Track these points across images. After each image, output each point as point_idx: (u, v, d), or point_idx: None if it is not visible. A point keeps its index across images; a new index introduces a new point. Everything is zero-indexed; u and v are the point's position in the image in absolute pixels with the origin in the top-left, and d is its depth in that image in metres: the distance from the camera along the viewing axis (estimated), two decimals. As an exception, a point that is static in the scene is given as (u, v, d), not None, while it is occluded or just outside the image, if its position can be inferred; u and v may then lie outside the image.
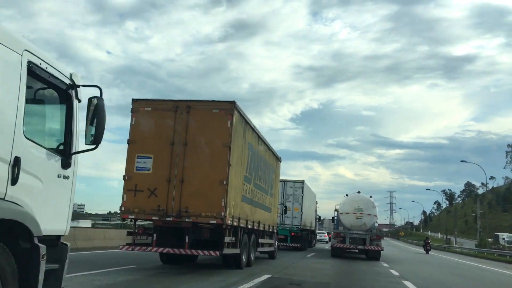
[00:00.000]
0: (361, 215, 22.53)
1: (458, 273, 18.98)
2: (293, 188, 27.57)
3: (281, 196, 27.19)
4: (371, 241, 21.96)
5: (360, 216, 22.52)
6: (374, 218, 23.06)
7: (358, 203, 22.90)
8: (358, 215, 22.52)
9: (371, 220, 22.87)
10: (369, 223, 22.75)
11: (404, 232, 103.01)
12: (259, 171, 14.64)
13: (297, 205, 27.37)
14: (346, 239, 22.41)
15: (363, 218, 22.53)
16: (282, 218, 27.16)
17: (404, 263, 22.42)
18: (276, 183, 18.05)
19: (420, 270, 18.89)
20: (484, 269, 23.24)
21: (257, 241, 14.91)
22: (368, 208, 22.78)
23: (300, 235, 27.19)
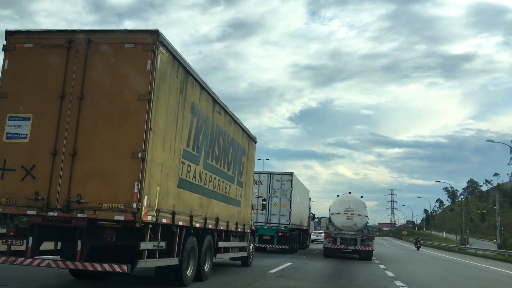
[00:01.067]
0: (352, 215, 22.64)
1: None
2: (280, 181, 23.56)
3: (267, 191, 23.19)
4: (362, 242, 22.13)
5: (351, 217, 22.64)
6: (365, 218, 23.11)
7: (349, 204, 22.98)
8: (349, 215, 22.65)
9: (362, 220, 22.95)
10: (360, 224, 22.84)
11: (406, 231, 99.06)
12: (217, 149, 10.63)
13: (285, 201, 23.38)
14: (337, 239, 22.45)
15: (354, 218, 22.64)
16: (267, 216, 23.18)
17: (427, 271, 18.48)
18: (248, 169, 14.03)
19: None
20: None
21: (215, 245, 10.91)
22: (359, 209, 22.87)
23: (289, 236, 23.19)
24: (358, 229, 22.75)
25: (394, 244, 58.19)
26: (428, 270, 19.02)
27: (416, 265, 22.11)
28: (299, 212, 26.91)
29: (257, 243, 23.03)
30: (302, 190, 28.36)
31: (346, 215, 22.70)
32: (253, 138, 14.54)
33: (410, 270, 18.18)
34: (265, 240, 23.41)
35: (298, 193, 25.92)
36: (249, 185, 14.25)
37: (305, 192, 30.74)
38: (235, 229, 12.48)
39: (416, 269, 19.46)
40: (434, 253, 41.72)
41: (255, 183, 22.94)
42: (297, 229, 26.51)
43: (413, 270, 18.34)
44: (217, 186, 10.78)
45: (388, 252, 35.27)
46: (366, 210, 23.28)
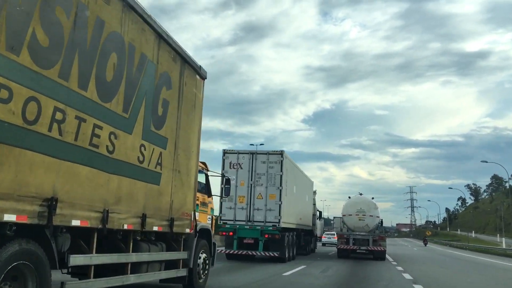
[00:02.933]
0: (363, 216, 22.79)
1: None
2: (266, 163, 17.33)
3: (249, 176, 17.08)
4: (374, 242, 22.18)
5: (362, 218, 22.80)
6: (376, 219, 23.23)
7: (360, 205, 23.13)
8: (361, 216, 22.80)
9: (374, 221, 23.06)
10: (371, 224, 22.97)
11: (430, 231, 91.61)
12: (95, 66, 4.80)
13: (273, 190, 17.13)
14: (350, 240, 22.54)
15: (365, 219, 22.81)
16: (249, 212, 17.00)
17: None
18: (182, 118, 7.70)
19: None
20: None
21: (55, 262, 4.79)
22: (370, 210, 22.99)
23: (279, 238, 16.91)
24: (370, 229, 22.80)
25: (430, 249, 49.32)
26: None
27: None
28: (297, 207, 20.61)
29: (235, 249, 16.84)
30: (301, 178, 22.04)
31: (358, 216, 22.79)
32: (194, 67, 8.24)
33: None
34: (246, 245, 17.24)
35: (294, 180, 19.64)
36: (187, 148, 7.96)
37: (306, 182, 24.40)
38: (139, 227, 6.31)
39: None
40: (476, 257, 34.91)
41: (232, 167, 16.76)
42: (294, 230, 20.23)
43: None
44: (95, 137, 5.00)
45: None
46: (377, 211, 23.38)
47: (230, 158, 17.49)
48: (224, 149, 17.61)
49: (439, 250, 40.71)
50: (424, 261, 23.60)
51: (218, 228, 17.40)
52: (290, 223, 18.90)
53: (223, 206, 17.24)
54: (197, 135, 8.24)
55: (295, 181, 20.17)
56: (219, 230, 17.34)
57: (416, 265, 19.86)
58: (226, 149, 17.63)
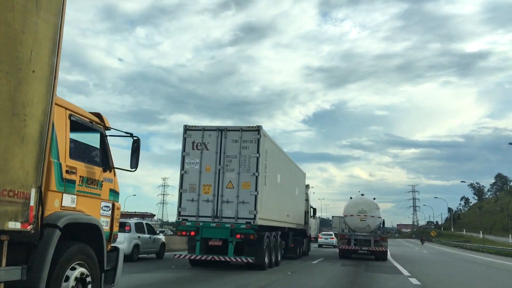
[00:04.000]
0: (365, 217, 22.62)
1: None
2: (239, 142, 13.43)
3: (217, 160, 13.29)
4: (376, 242, 21.92)
5: (364, 218, 22.64)
6: (378, 219, 23.06)
7: (361, 205, 22.93)
8: (362, 217, 22.62)
9: (375, 221, 22.90)
10: (373, 225, 22.78)
11: (435, 232, 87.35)
12: None
13: (247, 177, 13.22)
14: (351, 240, 22.34)
15: (367, 219, 22.62)
16: (216, 205, 13.22)
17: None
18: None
19: None
20: None
21: None
22: (371, 210, 22.82)
23: (254, 239, 12.98)
24: (372, 230, 22.61)
25: (442, 251, 43.92)
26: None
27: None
28: (282, 201, 16.74)
29: (198, 254, 12.99)
30: (288, 166, 18.15)
31: (359, 216, 22.57)
32: None
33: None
34: (212, 248, 13.37)
35: (278, 167, 15.78)
36: (18, 64, 4.01)
37: (296, 173, 20.54)
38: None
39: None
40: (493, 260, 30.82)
41: (195, 148, 13.02)
42: (279, 229, 16.36)
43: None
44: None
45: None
46: (379, 211, 23.12)
47: (193, 137, 13.64)
48: (186, 125, 13.75)
49: (454, 254, 35.50)
50: (450, 272, 18.88)
51: (178, 226, 13.55)
52: (272, 220, 15.02)
53: (183, 198, 13.39)
54: (47, 44, 4.27)
55: (280, 168, 16.29)
56: (178, 229, 13.47)
57: (438, 274, 15.88)
58: (187, 125, 13.77)
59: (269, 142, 14.43)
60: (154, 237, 16.97)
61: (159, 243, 17.39)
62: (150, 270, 12.74)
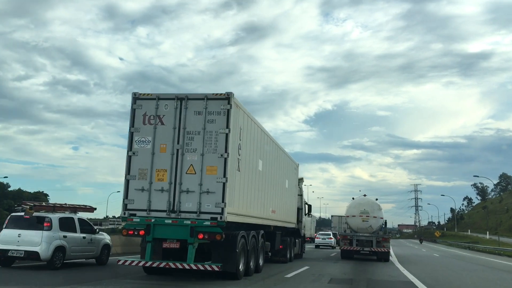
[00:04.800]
0: (367, 217, 22.41)
1: None
2: (203, 115, 10.31)
3: (174, 137, 10.20)
4: (378, 243, 21.72)
5: (366, 219, 22.42)
6: (380, 220, 22.76)
7: (364, 206, 22.71)
8: (364, 217, 22.46)
9: (378, 222, 22.60)
10: (375, 225, 22.50)
11: (439, 232, 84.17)
12: None
13: (213, 159, 10.10)
14: (353, 241, 22.10)
15: (369, 220, 22.38)
16: (172, 195, 10.15)
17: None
18: None
19: None
20: None
21: None
22: (374, 211, 22.55)
23: (221, 240, 9.87)
24: (374, 231, 22.45)
25: (445, 252, 39.98)
26: None
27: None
28: (266, 193, 13.68)
29: (147, 259, 9.94)
30: (274, 151, 15.06)
31: (362, 217, 22.50)
32: None
33: None
34: (168, 251, 10.34)
35: (259, 150, 12.70)
36: None
37: (286, 161, 17.46)
38: None
39: None
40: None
41: (147, 122, 9.99)
42: (261, 227, 13.33)
43: None
44: None
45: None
46: (381, 212, 22.95)
47: (144, 108, 10.57)
48: (135, 93, 10.67)
49: (469, 258, 30.86)
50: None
51: (123, 223, 10.48)
52: (250, 216, 11.96)
53: (130, 187, 10.32)
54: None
55: (263, 153, 13.22)
56: (123, 227, 10.39)
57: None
58: (137, 93, 10.70)
59: (245, 117, 11.35)
60: (92, 236, 13.04)
61: (100, 245, 13.43)
62: (79, 282, 9.63)
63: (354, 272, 15.16)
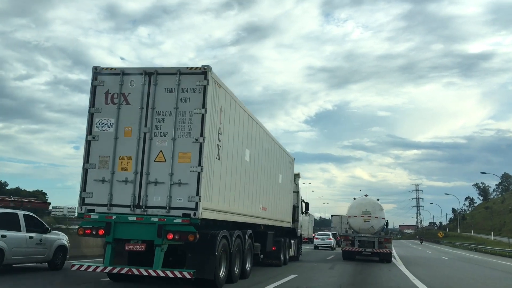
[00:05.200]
0: (368, 218, 22.14)
1: None
2: (175, 92, 8.67)
3: (141, 118, 8.51)
4: (380, 244, 21.34)
5: (367, 219, 22.13)
6: (382, 220, 22.51)
7: (365, 206, 22.46)
8: (366, 218, 22.19)
9: (379, 222, 22.35)
10: (377, 226, 22.24)
11: (442, 233, 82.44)
12: None
13: (186, 145, 8.47)
14: (355, 242, 21.66)
15: (370, 221, 22.12)
16: (138, 190, 8.47)
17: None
18: None
19: None
20: None
21: None
22: (375, 211, 22.31)
23: (195, 241, 8.23)
24: (376, 231, 22.18)
25: (453, 255, 36.00)
26: None
27: None
28: (252, 187, 12.04)
29: (107, 264, 8.29)
30: (265, 140, 13.43)
31: (363, 217, 22.21)
32: None
33: None
34: (132, 255, 8.75)
35: (244, 136, 11.07)
36: None
37: (278, 153, 15.84)
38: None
39: None
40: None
41: (110, 101, 8.39)
42: (247, 226, 11.71)
43: None
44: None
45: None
46: (383, 212, 22.66)
47: (107, 84, 8.96)
48: (96, 67, 9.05)
49: (483, 261, 28.46)
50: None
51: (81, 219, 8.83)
52: (234, 213, 10.34)
53: (89, 177, 8.71)
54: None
55: (251, 141, 11.60)
56: (80, 225, 8.76)
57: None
58: (98, 67, 9.07)
59: (228, 98, 9.73)
60: (42, 236, 11.05)
61: (53, 247, 11.39)
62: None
63: (351, 282, 12.44)
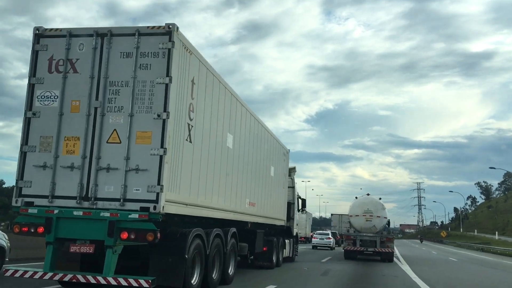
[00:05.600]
0: (370, 217, 22.08)
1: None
2: (133, 57, 7.02)
3: (92, 89, 6.75)
4: (382, 243, 21.34)
5: (369, 219, 22.07)
6: (384, 220, 22.34)
7: (367, 205, 22.33)
8: (368, 217, 22.07)
9: (381, 222, 22.24)
10: (379, 225, 22.14)
11: (445, 232, 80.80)
12: None
13: (145, 121, 6.83)
14: (357, 241, 21.71)
15: (372, 220, 22.06)
16: (87, 178, 6.73)
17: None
18: None
19: None
20: None
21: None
22: (377, 210, 22.21)
23: (153, 241, 6.58)
24: (378, 230, 22.01)
25: (463, 256, 33.48)
26: None
27: None
28: (236, 178, 10.39)
29: (46, 270, 6.57)
30: (252, 126, 11.76)
31: (365, 217, 22.07)
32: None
33: None
34: (84, 257, 7.09)
35: (226, 118, 9.40)
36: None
37: (271, 143, 14.20)
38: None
39: None
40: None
41: (54, 69, 6.58)
42: (230, 224, 10.08)
43: None
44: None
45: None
46: (385, 211, 22.48)
47: (51, 49, 7.31)
48: (38, 27, 7.40)
49: (501, 264, 26.99)
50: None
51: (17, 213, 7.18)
52: (213, 208, 8.70)
53: (27, 161, 7.07)
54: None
55: (233, 124, 9.96)
56: (15, 221, 7.10)
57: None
58: (41, 27, 7.42)
59: (202, 67, 8.09)
60: None
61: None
62: None
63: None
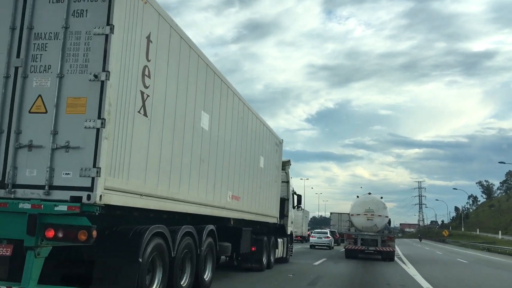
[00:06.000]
0: (372, 216, 22.09)
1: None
2: (65, 2, 5.39)
3: (12, 43, 4.97)
4: (383, 242, 21.49)
5: (371, 218, 22.11)
6: (385, 219, 22.43)
7: (368, 204, 22.41)
8: (369, 216, 22.10)
9: (383, 221, 22.31)
10: (380, 224, 22.21)
11: (448, 231, 79.24)
12: None
13: (78, 84, 5.16)
14: (358, 240, 21.90)
15: (374, 219, 22.11)
16: (4, 158, 4.96)
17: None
18: None
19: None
20: None
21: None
22: (379, 209, 22.26)
23: (87, 241, 4.95)
24: (379, 229, 22.09)
25: (471, 256, 31.74)
26: None
27: None
28: (214, 166, 8.77)
29: None
30: (234, 105, 10.15)
31: (366, 216, 22.09)
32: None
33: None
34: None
35: (195, 87, 7.77)
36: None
37: (260, 130, 12.58)
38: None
39: None
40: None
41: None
42: (208, 220, 8.46)
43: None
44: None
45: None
46: (386, 210, 22.53)
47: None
48: None
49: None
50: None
51: None
52: (178, 200, 7.08)
53: None
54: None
55: (210, 101, 8.34)
56: None
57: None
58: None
59: (163, 23, 6.46)
60: None
61: None
62: None
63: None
